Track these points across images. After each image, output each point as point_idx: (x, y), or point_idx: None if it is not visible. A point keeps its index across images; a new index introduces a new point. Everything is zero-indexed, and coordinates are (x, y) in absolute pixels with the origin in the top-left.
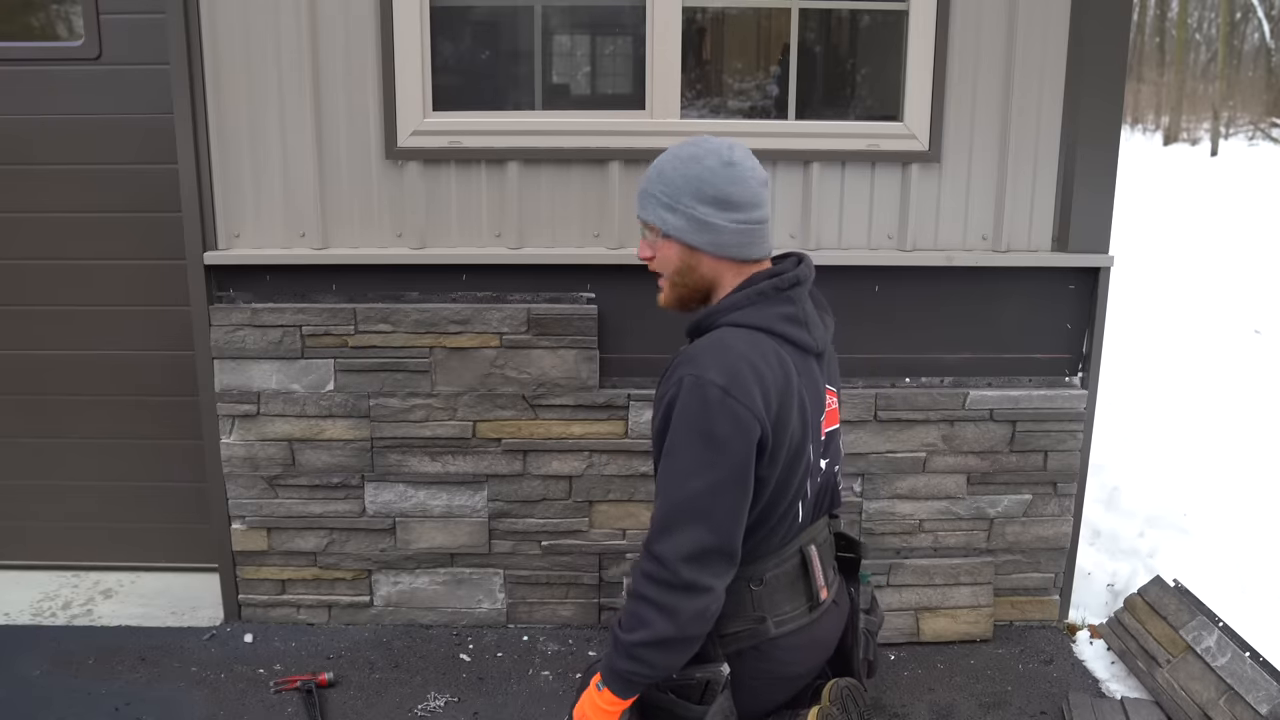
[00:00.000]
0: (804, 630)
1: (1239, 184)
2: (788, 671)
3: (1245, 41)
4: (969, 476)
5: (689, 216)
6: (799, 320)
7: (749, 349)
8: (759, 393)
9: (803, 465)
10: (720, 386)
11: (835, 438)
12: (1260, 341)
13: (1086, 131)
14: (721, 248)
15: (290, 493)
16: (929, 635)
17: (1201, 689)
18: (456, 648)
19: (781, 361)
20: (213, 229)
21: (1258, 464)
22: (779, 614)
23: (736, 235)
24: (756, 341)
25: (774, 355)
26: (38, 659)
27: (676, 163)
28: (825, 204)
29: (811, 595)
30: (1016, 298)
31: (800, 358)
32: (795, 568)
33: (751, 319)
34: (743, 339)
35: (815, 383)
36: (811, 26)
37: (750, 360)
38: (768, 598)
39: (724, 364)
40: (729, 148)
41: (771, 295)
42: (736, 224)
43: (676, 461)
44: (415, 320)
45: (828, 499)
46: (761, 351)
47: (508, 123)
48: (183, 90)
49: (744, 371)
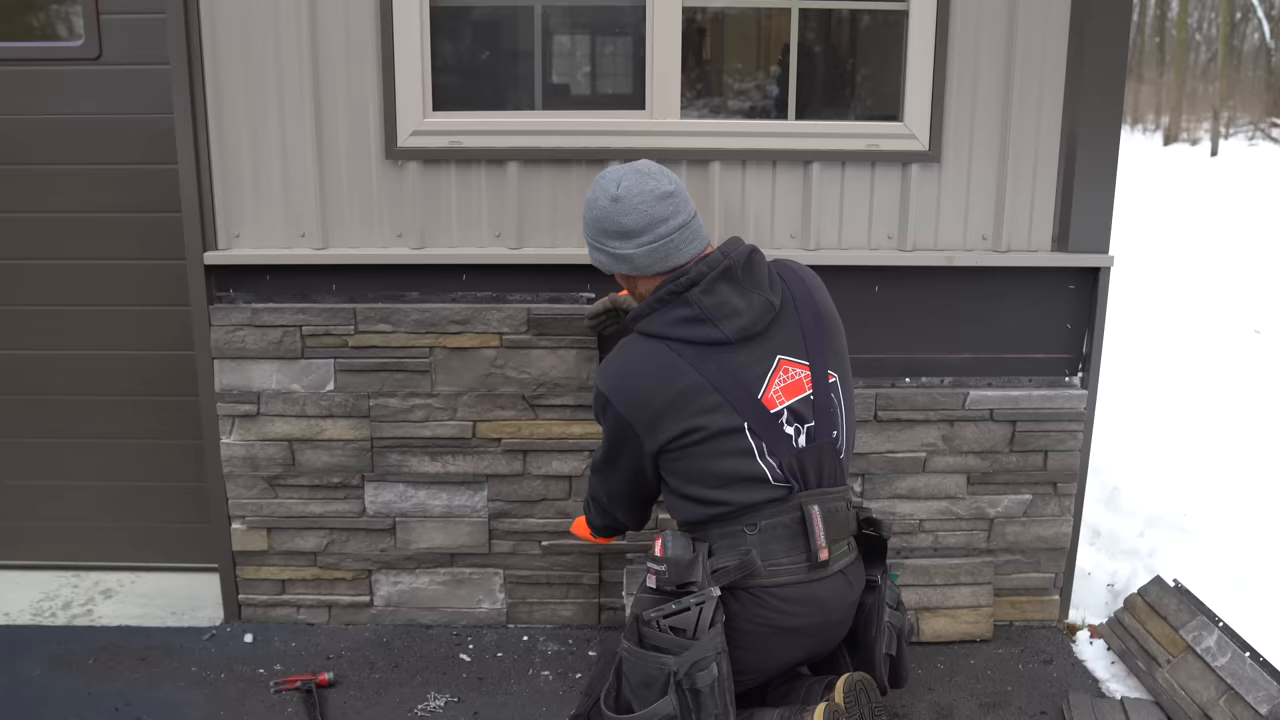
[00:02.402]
0: (801, 585)
1: (1239, 184)
2: (786, 622)
3: (1245, 41)
4: (969, 476)
5: (605, 252)
6: (697, 319)
7: (636, 359)
8: (631, 399)
9: (730, 443)
10: (604, 394)
11: (819, 405)
12: (1260, 341)
13: (1086, 131)
14: (642, 269)
15: (290, 493)
16: (929, 635)
17: (1201, 689)
18: (456, 648)
19: (665, 365)
20: (213, 229)
21: (1258, 464)
22: (773, 562)
23: (647, 256)
24: (648, 350)
25: (658, 361)
26: (37, 659)
27: (585, 207)
28: (825, 204)
29: (810, 552)
30: (1016, 298)
31: (700, 351)
32: (794, 522)
33: (649, 327)
34: (636, 348)
35: (729, 368)
36: (811, 26)
37: (631, 371)
38: (761, 544)
39: (610, 375)
40: (616, 181)
41: (668, 300)
42: (643, 247)
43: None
44: (415, 320)
45: (829, 467)
46: (647, 359)
47: (508, 123)
48: (183, 90)
49: (622, 381)
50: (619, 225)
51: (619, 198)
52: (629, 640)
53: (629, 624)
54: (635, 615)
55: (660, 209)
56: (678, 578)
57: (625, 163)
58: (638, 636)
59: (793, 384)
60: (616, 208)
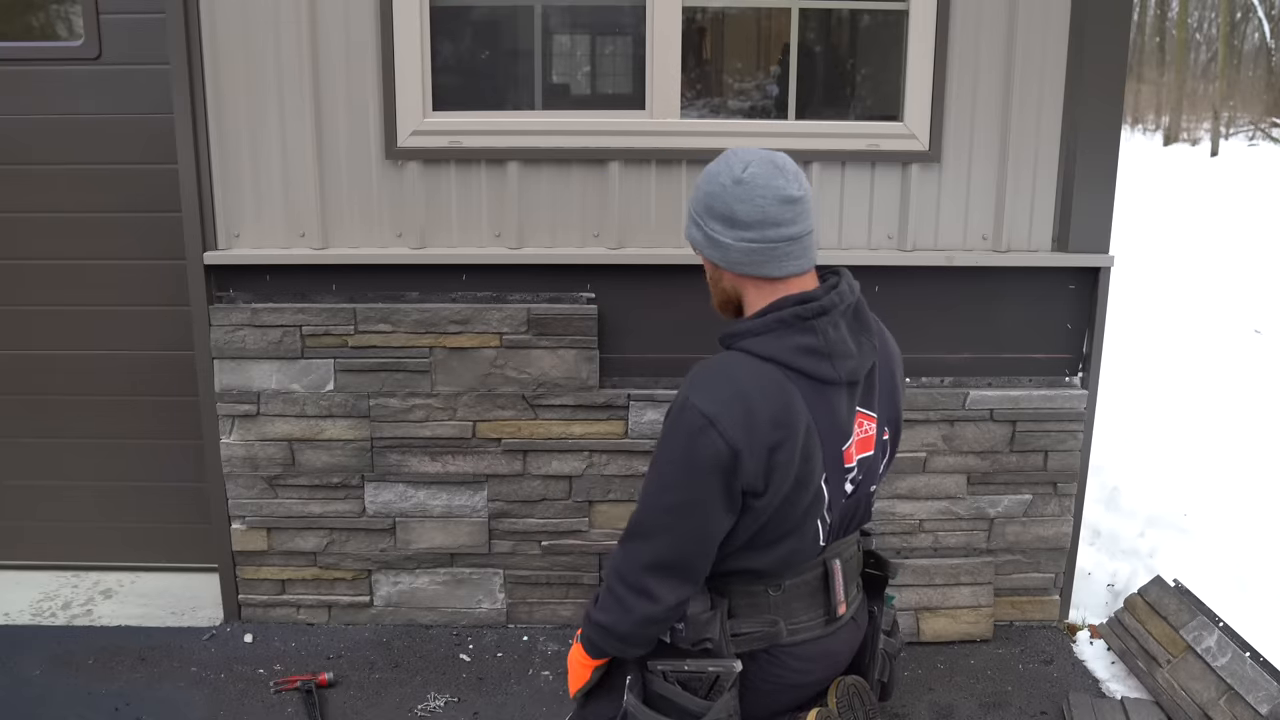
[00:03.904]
0: (818, 641)
1: (1239, 184)
2: (798, 680)
3: (1245, 41)
4: (969, 476)
5: (704, 232)
6: (818, 352)
7: (749, 381)
8: (744, 428)
9: (809, 494)
10: (706, 415)
11: (872, 463)
12: (1260, 341)
13: (1086, 132)
14: (733, 265)
15: (290, 493)
16: (929, 635)
17: (1202, 689)
18: (456, 648)
19: (784, 396)
20: (213, 229)
21: (1258, 464)
22: (794, 621)
23: (745, 254)
24: (762, 373)
25: (776, 389)
26: (37, 659)
27: (703, 177)
28: (825, 204)
29: (829, 608)
30: (1016, 298)
31: (815, 389)
32: (817, 579)
33: (764, 348)
34: (747, 369)
35: (834, 413)
36: (811, 26)
37: (745, 393)
38: (784, 604)
39: (717, 393)
40: (745, 165)
41: (792, 324)
42: (744, 242)
43: (656, 474)
44: (415, 320)
45: (859, 517)
46: (762, 385)
47: (508, 123)
48: (183, 90)
49: (734, 404)
50: (730, 211)
51: (743, 181)
52: (633, 694)
53: (633, 677)
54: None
55: (779, 212)
56: (694, 636)
57: (627, 162)
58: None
59: (866, 438)
60: (735, 191)
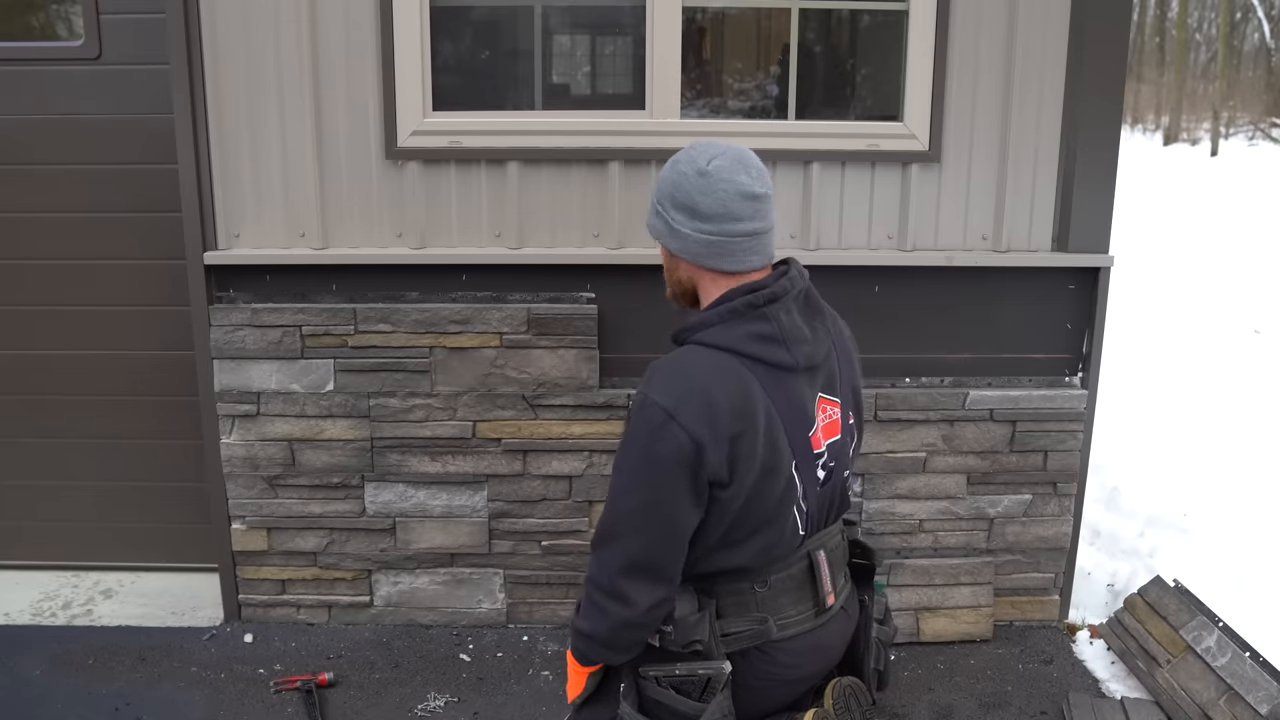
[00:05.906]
0: (809, 635)
1: (1239, 184)
2: (790, 675)
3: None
4: (969, 476)
5: (665, 220)
6: (773, 338)
7: (706, 372)
8: (705, 419)
9: (780, 483)
10: (666, 410)
11: (841, 448)
12: (1260, 341)
13: (1086, 131)
14: (691, 255)
15: (290, 493)
16: (929, 635)
17: (1201, 689)
18: (456, 648)
19: (743, 385)
20: (213, 229)
21: (1258, 464)
22: (783, 616)
23: (704, 245)
24: (718, 364)
25: (734, 379)
26: (38, 659)
27: (668, 166)
28: (825, 204)
29: (818, 600)
30: (1016, 298)
31: (773, 376)
32: (802, 572)
33: (718, 339)
34: (704, 361)
35: (795, 399)
36: (811, 26)
37: (703, 385)
38: (772, 600)
39: (675, 387)
40: (710, 157)
41: (744, 312)
42: (703, 234)
43: (620, 476)
44: (415, 320)
45: (836, 505)
46: (720, 375)
47: (508, 123)
48: (183, 90)
49: (693, 397)
50: (691, 201)
51: (707, 173)
52: (627, 701)
53: (626, 685)
54: (634, 672)
55: (740, 207)
56: (684, 638)
57: (627, 162)
58: (636, 695)
59: (831, 423)
60: (699, 183)
